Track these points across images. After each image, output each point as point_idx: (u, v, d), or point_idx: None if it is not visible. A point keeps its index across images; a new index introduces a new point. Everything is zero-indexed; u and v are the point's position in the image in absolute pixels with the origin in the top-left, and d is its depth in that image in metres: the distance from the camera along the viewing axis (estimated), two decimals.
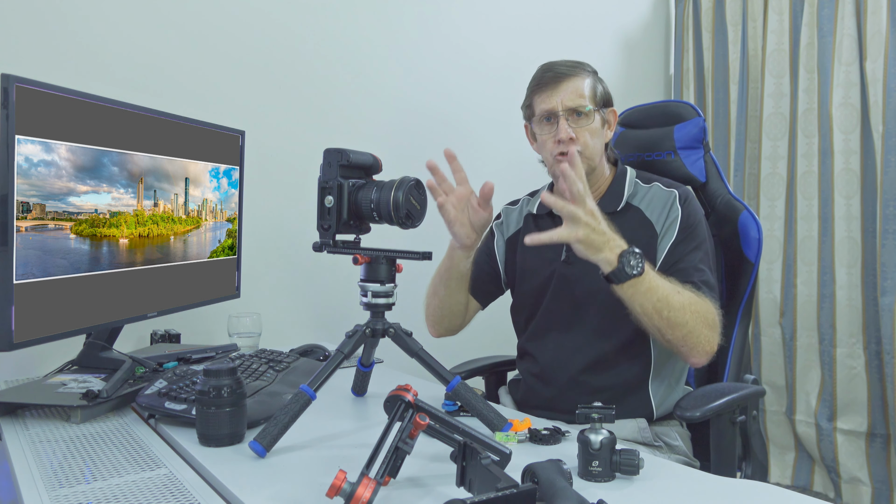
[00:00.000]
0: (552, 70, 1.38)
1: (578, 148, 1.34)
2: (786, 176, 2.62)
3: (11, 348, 1.05)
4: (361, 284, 1.09)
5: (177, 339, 1.65)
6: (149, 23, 1.74)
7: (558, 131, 1.34)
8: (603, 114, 1.39)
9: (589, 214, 1.15)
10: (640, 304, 1.19)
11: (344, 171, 1.07)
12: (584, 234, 1.14)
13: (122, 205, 1.28)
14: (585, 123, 1.35)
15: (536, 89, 1.39)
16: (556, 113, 1.35)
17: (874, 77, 2.36)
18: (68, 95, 1.15)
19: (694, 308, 1.22)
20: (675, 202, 1.35)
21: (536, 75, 1.41)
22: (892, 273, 2.33)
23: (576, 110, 1.35)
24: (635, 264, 1.16)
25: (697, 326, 1.22)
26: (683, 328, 1.21)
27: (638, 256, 1.16)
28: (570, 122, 1.35)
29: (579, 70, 1.38)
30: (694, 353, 1.24)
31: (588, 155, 1.35)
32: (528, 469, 0.78)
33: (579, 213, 1.14)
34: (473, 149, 2.39)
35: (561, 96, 1.35)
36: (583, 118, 1.35)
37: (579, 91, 1.35)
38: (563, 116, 1.34)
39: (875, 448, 2.43)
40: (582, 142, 1.35)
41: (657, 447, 1.32)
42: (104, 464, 0.94)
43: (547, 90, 1.37)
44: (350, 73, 2.11)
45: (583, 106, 1.34)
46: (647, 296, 1.18)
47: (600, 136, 1.39)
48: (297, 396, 0.98)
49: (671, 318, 1.19)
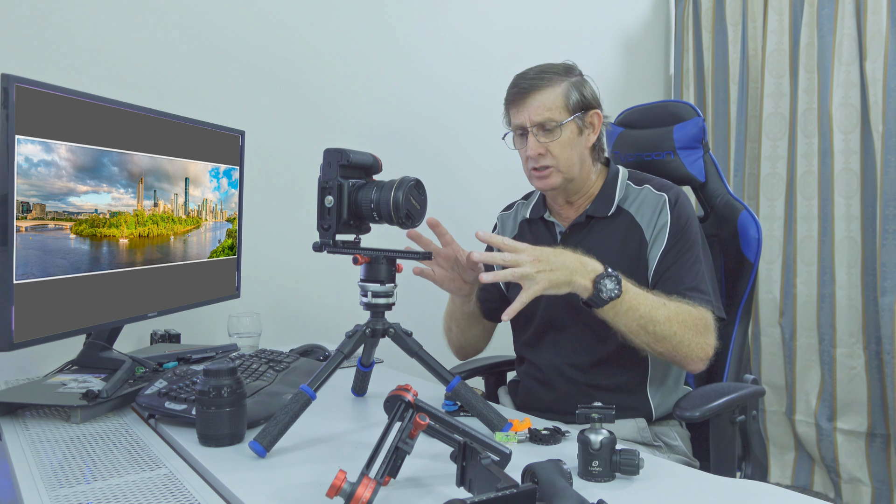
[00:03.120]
0: (518, 85, 1.35)
1: (551, 162, 1.33)
2: (785, 176, 2.62)
3: (11, 348, 1.05)
4: (361, 284, 1.09)
5: (177, 339, 1.65)
6: (149, 23, 1.74)
7: (528, 147, 1.34)
8: (580, 120, 1.35)
9: (536, 262, 1.11)
10: (624, 324, 1.19)
11: (344, 171, 1.07)
12: (543, 284, 1.10)
13: (122, 205, 1.28)
14: (555, 137, 1.32)
15: (508, 104, 1.38)
16: (525, 127, 1.34)
17: (874, 77, 2.36)
18: (68, 95, 1.15)
19: (680, 318, 1.21)
20: (665, 206, 1.34)
21: (508, 88, 1.38)
22: (892, 273, 2.33)
23: (544, 125, 1.32)
24: (612, 288, 1.15)
25: (686, 336, 1.21)
26: (671, 340, 1.20)
27: (614, 279, 1.15)
28: (540, 137, 1.32)
29: (548, 80, 1.33)
30: (688, 361, 1.24)
31: (562, 167, 1.34)
32: (528, 469, 0.78)
33: (526, 271, 1.10)
34: (473, 149, 2.39)
35: (528, 112, 1.32)
36: (552, 131, 1.32)
37: (546, 104, 1.32)
38: (531, 132, 1.33)
39: (875, 448, 2.43)
40: (554, 155, 1.33)
41: (657, 447, 1.32)
42: (104, 464, 0.94)
43: (515, 105, 1.35)
44: (350, 74, 2.11)
45: (550, 120, 1.31)
46: (629, 315, 1.17)
47: (575, 144, 1.35)
48: (297, 396, 0.98)
49: (657, 332, 1.19)
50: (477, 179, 2.39)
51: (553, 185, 1.36)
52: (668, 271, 1.30)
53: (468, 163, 2.39)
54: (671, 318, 1.20)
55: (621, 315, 1.18)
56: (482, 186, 2.38)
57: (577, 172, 1.37)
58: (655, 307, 1.19)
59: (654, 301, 1.20)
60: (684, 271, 1.29)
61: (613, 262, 1.32)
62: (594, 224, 1.38)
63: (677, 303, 1.23)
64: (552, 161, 1.33)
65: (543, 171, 1.35)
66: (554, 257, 1.14)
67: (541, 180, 1.36)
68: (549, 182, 1.36)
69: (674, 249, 1.31)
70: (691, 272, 1.29)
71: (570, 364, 1.36)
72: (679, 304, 1.23)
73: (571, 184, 1.38)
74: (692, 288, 1.27)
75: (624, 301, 1.16)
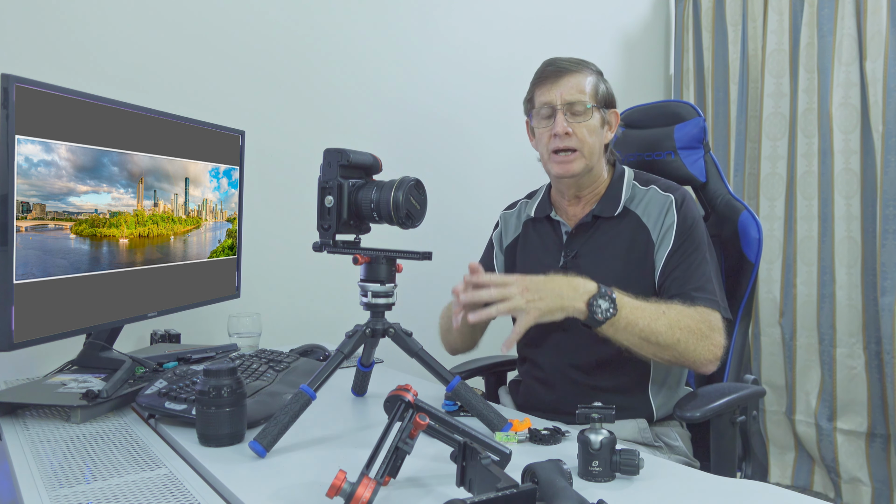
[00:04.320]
0: (554, 64, 1.37)
1: (576, 145, 1.33)
2: (786, 176, 2.62)
3: (11, 348, 1.05)
4: (361, 284, 1.09)
5: (177, 339, 1.65)
6: (149, 23, 1.74)
7: (555, 125, 1.33)
8: (604, 113, 1.38)
9: (524, 292, 1.11)
10: (626, 339, 1.18)
11: (344, 171, 1.07)
12: (535, 314, 1.11)
13: (122, 205, 1.28)
14: (583, 120, 1.34)
15: (538, 82, 1.39)
16: (555, 106, 1.34)
17: (874, 77, 2.36)
18: (68, 95, 1.15)
19: (682, 324, 1.20)
20: (671, 207, 1.34)
21: (540, 68, 1.40)
22: (892, 273, 2.33)
23: (574, 105, 1.33)
24: (606, 307, 1.14)
25: (691, 341, 1.20)
26: (676, 348, 1.20)
27: (608, 299, 1.15)
28: (568, 118, 1.33)
29: (583, 67, 1.37)
30: (698, 364, 1.24)
31: (585, 152, 1.34)
32: (528, 469, 0.78)
33: (516, 303, 1.10)
34: (473, 149, 2.39)
35: (561, 90, 1.34)
36: (581, 114, 1.34)
37: (580, 87, 1.34)
38: (560, 111, 1.33)
39: (875, 448, 2.43)
40: (579, 137, 1.33)
41: (657, 447, 1.32)
42: (104, 464, 0.94)
43: (547, 83, 1.36)
44: (350, 74, 2.11)
45: (582, 101, 1.33)
46: (629, 330, 1.17)
47: (598, 134, 1.36)
48: (297, 396, 0.98)
49: (660, 342, 1.19)
50: (477, 179, 2.39)
51: (574, 170, 1.35)
52: (675, 272, 1.30)
53: (468, 162, 2.38)
54: (672, 326, 1.19)
55: (620, 331, 1.17)
56: (483, 186, 2.38)
57: (595, 162, 1.37)
58: (655, 318, 1.18)
59: (653, 311, 1.19)
60: (691, 272, 1.29)
61: (620, 263, 1.32)
62: (600, 224, 1.38)
63: (678, 308, 1.22)
64: (577, 143, 1.33)
65: (567, 156, 1.34)
66: (543, 285, 1.14)
67: (562, 165, 1.35)
68: (570, 167, 1.35)
69: (680, 250, 1.31)
70: (697, 273, 1.29)
71: (572, 365, 1.36)
72: (679, 309, 1.22)
73: (588, 175, 1.37)
74: (699, 288, 1.27)
75: (621, 318, 1.16)
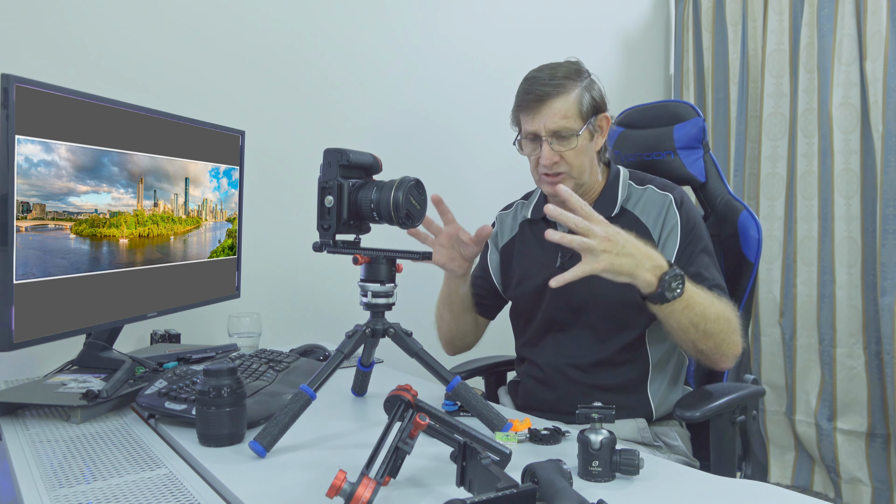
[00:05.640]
0: (531, 91, 1.30)
1: (564, 169, 1.31)
2: (785, 176, 2.62)
3: (11, 348, 1.05)
4: (361, 284, 1.09)
5: (177, 339, 1.65)
6: (149, 23, 1.74)
7: (542, 156, 1.30)
8: (592, 125, 1.32)
9: (605, 240, 1.07)
10: (677, 321, 1.16)
11: (344, 171, 1.07)
12: (605, 264, 1.06)
13: (122, 205, 1.28)
14: (570, 145, 1.29)
15: (519, 109, 1.34)
16: (540, 136, 1.30)
17: (874, 77, 2.36)
18: (68, 95, 1.15)
19: (726, 315, 1.20)
20: (672, 206, 1.33)
21: (520, 91, 1.34)
22: (892, 273, 2.33)
23: (559, 132, 1.29)
24: (676, 286, 1.11)
25: (729, 334, 1.21)
26: (716, 338, 1.19)
27: (679, 278, 1.12)
28: (554, 145, 1.29)
29: (565, 86, 1.29)
30: (724, 359, 1.24)
31: (574, 173, 1.32)
32: (528, 469, 0.78)
33: (592, 244, 1.06)
34: (472, 149, 2.39)
35: (543, 120, 1.28)
36: (568, 139, 1.29)
37: (563, 112, 1.28)
38: (545, 141, 1.29)
39: (875, 448, 2.43)
40: (568, 162, 1.31)
41: (657, 447, 1.32)
42: (104, 464, 0.94)
43: (530, 112, 1.30)
44: (350, 74, 2.11)
45: (567, 128, 1.28)
46: (685, 312, 1.15)
47: (588, 151, 1.33)
48: (297, 396, 0.98)
49: (707, 329, 1.17)
50: (477, 179, 2.39)
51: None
52: (686, 269, 1.29)
53: (468, 163, 2.38)
54: (720, 316, 1.19)
55: (677, 312, 1.15)
56: (482, 186, 2.38)
57: (587, 178, 1.36)
58: (709, 304, 1.18)
59: (707, 298, 1.18)
60: (702, 270, 1.29)
61: None
62: None
63: (723, 301, 1.22)
64: (565, 168, 1.31)
65: (556, 177, 1.32)
66: (626, 242, 1.09)
67: (552, 186, 1.32)
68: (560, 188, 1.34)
69: (688, 250, 1.31)
70: (708, 271, 1.30)
71: (571, 364, 1.36)
72: (725, 301, 1.22)
73: (580, 188, 1.36)
74: (714, 286, 1.27)
75: (684, 298, 1.14)
